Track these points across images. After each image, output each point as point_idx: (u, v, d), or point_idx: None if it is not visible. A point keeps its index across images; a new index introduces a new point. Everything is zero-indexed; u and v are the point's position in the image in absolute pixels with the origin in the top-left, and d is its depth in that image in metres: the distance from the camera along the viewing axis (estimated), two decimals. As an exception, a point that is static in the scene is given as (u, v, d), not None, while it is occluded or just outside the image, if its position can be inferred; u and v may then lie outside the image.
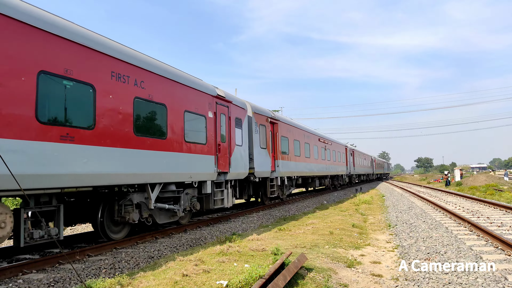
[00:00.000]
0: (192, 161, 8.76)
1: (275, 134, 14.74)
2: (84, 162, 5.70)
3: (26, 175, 4.81)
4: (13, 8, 4.96)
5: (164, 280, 4.53)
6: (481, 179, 31.81)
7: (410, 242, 7.95)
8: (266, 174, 13.41)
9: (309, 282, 4.98)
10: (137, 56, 7.27)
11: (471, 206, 14.10)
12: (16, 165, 4.59)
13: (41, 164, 5.04)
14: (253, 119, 12.70)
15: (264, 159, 13.18)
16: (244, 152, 11.65)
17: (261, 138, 13.29)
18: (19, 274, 5.23)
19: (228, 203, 10.80)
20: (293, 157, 16.91)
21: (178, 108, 8.37)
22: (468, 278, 4.95)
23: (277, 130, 14.92)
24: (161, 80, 7.80)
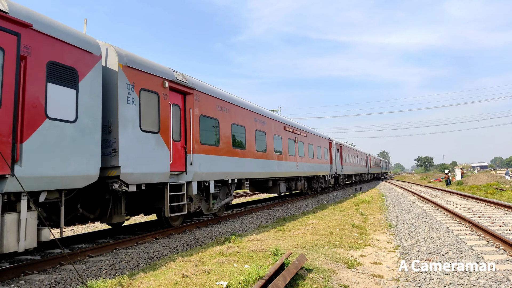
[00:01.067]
0: None
1: (189, 112, 8.94)
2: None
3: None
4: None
5: (165, 281, 4.53)
6: (482, 178, 31.76)
7: (410, 242, 7.94)
8: (158, 177, 7.63)
9: (309, 283, 4.97)
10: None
11: (472, 205, 14.08)
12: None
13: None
14: (123, 78, 6.98)
15: (151, 152, 7.45)
16: (82, 136, 5.94)
17: (145, 113, 7.45)
18: (21, 275, 5.23)
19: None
20: (230, 151, 10.98)
21: None
22: (469, 278, 4.95)
23: (191, 105, 9.06)
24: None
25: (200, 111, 9.57)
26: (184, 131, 8.86)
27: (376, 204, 17.97)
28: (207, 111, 9.94)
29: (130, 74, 7.16)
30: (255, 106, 13.68)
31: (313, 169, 20.78)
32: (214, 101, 10.35)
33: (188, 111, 9.04)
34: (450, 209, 12.26)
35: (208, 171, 9.62)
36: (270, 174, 14.30)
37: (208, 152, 9.74)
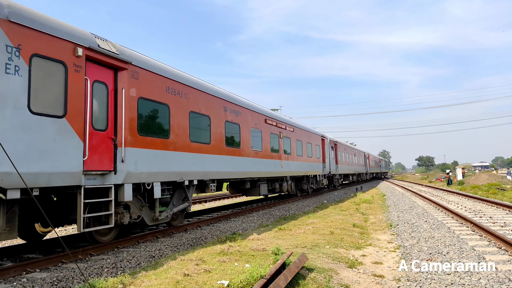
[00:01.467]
0: None
1: (121, 92, 6.85)
2: None
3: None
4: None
5: (166, 279, 4.54)
6: (484, 178, 31.70)
7: (412, 242, 7.93)
8: (62, 179, 5.52)
9: (310, 282, 4.97)
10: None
11: (474, 205, 14.06)
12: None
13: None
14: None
15: (49, 143, 5.38)
16: None
17: (40, 89, 5.41)
18: (23, 273, 5.25)
19: None
20: (187, 145, 8.79)
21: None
22: (471, 278, 4.94)
23: (125, 84, 6.96)
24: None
25: (139, 93, 7.26)
26: (114, 118, 6.71)
27: (377, 203, 17.96)
28: (151, 93, 7.60)
29: (13, 32, 5.05)
30: (225, 93, 11.36)
31: (302, 168, 18.31)
32: (162, 82, 8.06)
33: (120, 91, 6.80)
34: (451, 209, 12.24)
35: (151, 171, 7.40)
36: (246, 174, 12.03)
37: (152, 146, 7.54)
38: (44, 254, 6.68)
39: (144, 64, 7.62)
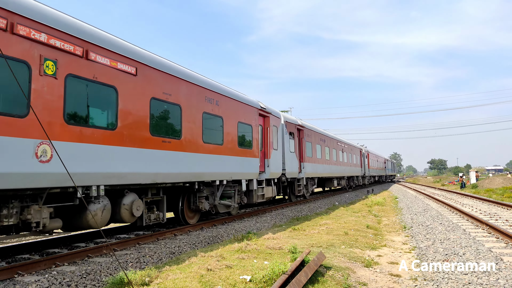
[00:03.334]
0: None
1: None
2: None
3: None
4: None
5: (191, 273, 4.73)
6: (498, 181, 31.15)
7: (427, 243, 7.96)
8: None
9: (329, 279, 5.10)
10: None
11: (488, 208, 13.91)
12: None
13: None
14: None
15: None
16: None
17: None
18: (52, 266, 5.52)
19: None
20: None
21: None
22: (488, 278, 4.99)
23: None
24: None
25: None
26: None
27: (389, 206, 17.89)
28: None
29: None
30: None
31: (220, 169, 9.83)
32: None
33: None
34: (466, 211, 12.17)
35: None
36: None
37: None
38: (68, 248, 6.98)
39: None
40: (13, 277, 4.99)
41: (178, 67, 8.61)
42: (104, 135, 6.20)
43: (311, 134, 18.66)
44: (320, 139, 20.38)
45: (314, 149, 18.80)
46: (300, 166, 16.42)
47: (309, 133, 18.28)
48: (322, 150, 20.69)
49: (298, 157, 16.33)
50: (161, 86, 7.68)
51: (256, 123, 12.08)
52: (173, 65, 8.49)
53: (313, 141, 18.86)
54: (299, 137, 16.73)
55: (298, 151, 16.46)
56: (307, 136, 17.61)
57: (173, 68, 8.33)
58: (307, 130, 17.95)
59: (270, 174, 12.80)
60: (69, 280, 4.88)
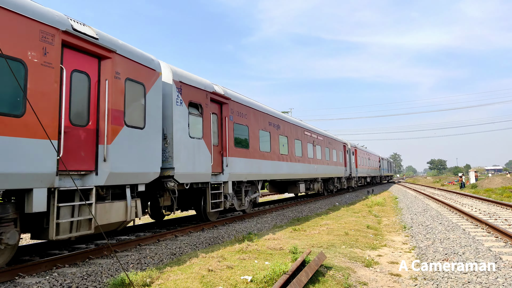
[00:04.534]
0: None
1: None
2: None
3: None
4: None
5: (192, 274, 4.75)
6: (497, 181, 31.20)
7: (427, 243, 7.98)
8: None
9: (330, 279, 5.12)
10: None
11: (488, 208, 13.95)
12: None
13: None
14: None
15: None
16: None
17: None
18: (53, 268, 5.53)
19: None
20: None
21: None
22: (488, 277, 5.01)
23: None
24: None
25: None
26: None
27: (389, 206, 17.91)
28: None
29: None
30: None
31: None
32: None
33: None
34: (465, 211, 12.19)
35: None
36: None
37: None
38: (69, 250, 6.98)
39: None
40: (14, 279, 5.00)
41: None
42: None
43: (248, 113, 11.58)
44: (268, 123, 13.24)
45: (253, 137, 11.86)
46: (222, 162, 10.00)
47: (242, 110, 11.19)
48: (274, 140, 13.53)
49: (218, 148, 9.88)
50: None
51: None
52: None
53: (252, 123, 11.90)
54: (220, 115, 10.11)
55: (218, 137, 9.91)
56: (237, 115, 10.88)
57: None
58: (238, 105, 10.92)
59: (107, 178, 5.94)
60: (70, 282, 4.89)
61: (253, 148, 11.87)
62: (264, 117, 13.13)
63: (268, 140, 13.30)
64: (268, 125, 13.38)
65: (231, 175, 10.27)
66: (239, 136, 11.05)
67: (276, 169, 13.78)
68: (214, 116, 9.92)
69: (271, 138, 13.54)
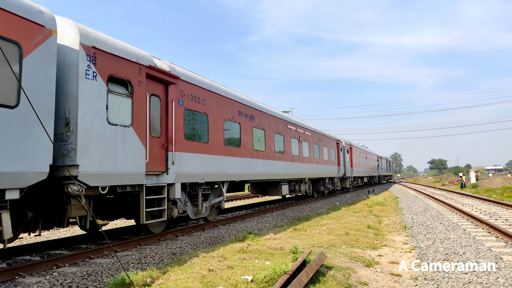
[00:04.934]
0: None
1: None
2: None
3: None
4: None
5: (192, 274, 4.75)
6: (498, 181, 31.18)
7: (427, 243, 7.98)
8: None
9: (330, 279, 5.12)
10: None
11: (488, 208, 13.94)
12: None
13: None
14: None
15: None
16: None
17: None
18: (54, 268, 5.53)
19: None
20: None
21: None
22: (488, 278, 5.01)
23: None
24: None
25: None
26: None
27: (390, 206, 17.90)
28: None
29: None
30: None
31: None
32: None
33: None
34: (466, 211, 12.18)
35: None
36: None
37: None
38: (69, 250, 6.98)
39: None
40: (14, 278, 5.00)
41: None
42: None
43: (208, 99, 9.36)
44: (238, 113, 11.06)
45: (215, 128, 9.63)
46: (166, 159, 7.81)
47: (200, 94, 9.03)
48: (245, 133, 11.40)
49: (160, 141, 7.72)
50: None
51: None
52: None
53: (214, 111, 9.63)
54: (165, 98, 8.01)
55: (160, 126, 7.76)
56: (192, 100, 8.68)
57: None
58: (192, 87, 8.76)
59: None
60: (70, 281, 4.89)
61: (215, 142, 9.50)
62: (233, 105, 10.73)
63: (237, 133, 10.98)
64: (237, 114, 11.00)
65: (179, 175, 7.92)
66: (194, 126, 8.77)
67: (248, 167, 11.36)
68: (155, 98, 7.61)
69: (241, 130, 11.17)
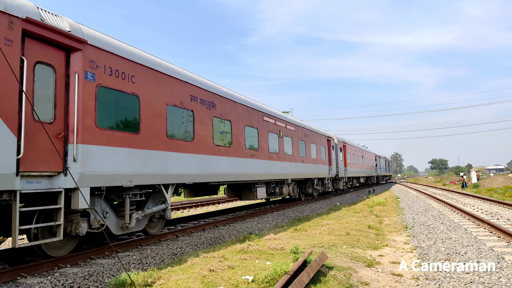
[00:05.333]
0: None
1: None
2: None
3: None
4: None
5: (193, 274, 4.75)
6: (499, 181, 31.12)
7: (428, 243, 7.96)
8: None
9: (331, 279, 5.11)
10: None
11: (490, 208, 13.91)
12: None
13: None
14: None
15: None
16: None
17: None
18: (55, 268, 5.54)
19: None
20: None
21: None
22: (490, 277, 4.99)
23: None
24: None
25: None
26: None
27: (390, 206, 17.88)
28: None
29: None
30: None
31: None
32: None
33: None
34: (467, 211, 12.16)
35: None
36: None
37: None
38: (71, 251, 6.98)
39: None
40: (16, 279, 5.01)
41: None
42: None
43: (139, 75, 7.23)
44: (190, 97, 8.77)
45: (152, 116, 7.44)
46: (64, 154, 5.64)
47: (125, 68, 6.91)
48: (201, 124, 9.05)
49: (53, 128, 5.46)
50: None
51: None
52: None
53: (148, 93, 7.42)
54: (64, 69, 5.82)
55: (54, 108, 5.58)
56: (111, 75, 6.54)
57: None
58: (111, 57, 6.62)
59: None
60: (72, 282, 4.90)
61: (151, 133, 7.27)
62: (182, 87, 8.35)
63: (189, 123, 8.54)
64: (189, 100, 8.59)
65: (86, 176, 5.75)
66: (115, 111, 6.55)
67: (205, 166, 8.96)
68: (44, 68, 5.45)
69: (195, 120, 8.71)
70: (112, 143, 6.35)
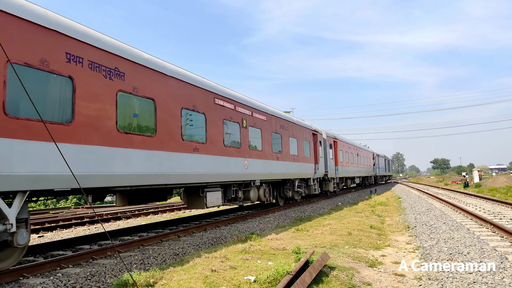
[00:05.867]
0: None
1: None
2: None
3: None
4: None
5: (195, 274, 4.74)
6: (501, 180, 30.99)
7: (431, 243, 7.93)
8: None
9: (333, 279, 5.09)
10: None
11: (492, 207, 13.85)
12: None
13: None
14: None
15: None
16: None
17: None
18: (57, 268, 5.55)
19: None
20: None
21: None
22: (493, 277, 4.96)
23: None
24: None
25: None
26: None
27: (392, 206, 17.84)
28: None
29: None
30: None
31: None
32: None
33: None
34: (470, 210, 12.11)
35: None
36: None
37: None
38: (73, 251, 7.00)
39: None
40: (18, 279, 5.02)
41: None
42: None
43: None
44: (66, 55, 5.48)
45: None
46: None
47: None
48: (89, 99, 5.81)
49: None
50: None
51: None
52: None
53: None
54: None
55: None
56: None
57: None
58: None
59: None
60: (74, 282, 4.90)
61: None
62: (44, 38, 5.19)
63: (64, 97, 5.41)
64: (65, 60, 5.46)
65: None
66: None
67: (102, 164, 5.91)
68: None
69: (76, 93, 5.55)
70: None
